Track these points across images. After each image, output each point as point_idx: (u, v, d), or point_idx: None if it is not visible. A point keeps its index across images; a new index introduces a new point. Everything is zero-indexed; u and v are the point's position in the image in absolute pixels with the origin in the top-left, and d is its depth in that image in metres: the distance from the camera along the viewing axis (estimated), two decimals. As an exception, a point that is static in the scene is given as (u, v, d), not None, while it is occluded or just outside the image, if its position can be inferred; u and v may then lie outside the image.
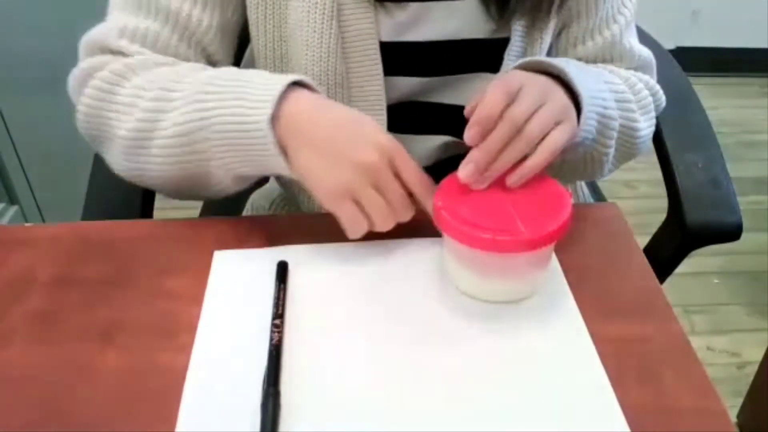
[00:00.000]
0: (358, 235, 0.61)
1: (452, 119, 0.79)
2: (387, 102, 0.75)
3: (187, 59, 0.70)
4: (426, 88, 0.76)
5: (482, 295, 0.61)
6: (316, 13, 0.69)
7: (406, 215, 0.61)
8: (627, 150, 0.76)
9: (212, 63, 0.72)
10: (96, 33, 0.69)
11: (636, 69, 0.79)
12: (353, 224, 0.60)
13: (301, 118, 0.60)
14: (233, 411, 0.52)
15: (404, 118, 0.77)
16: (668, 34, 2.30)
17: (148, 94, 0.64)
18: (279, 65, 0.74)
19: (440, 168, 0.80)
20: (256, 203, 0.93)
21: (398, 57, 0.73)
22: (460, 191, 0.61)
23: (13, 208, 1.51)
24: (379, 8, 0.70)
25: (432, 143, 0.80)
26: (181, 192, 0.70)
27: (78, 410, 0.52)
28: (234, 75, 0.63)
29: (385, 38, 0.72)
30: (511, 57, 0.74)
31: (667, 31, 2.36)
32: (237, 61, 0.79)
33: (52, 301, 0.62)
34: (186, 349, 0.57)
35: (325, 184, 0.60)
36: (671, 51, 1.01)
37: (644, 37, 0.95)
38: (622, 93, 0.73)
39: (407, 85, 0.75)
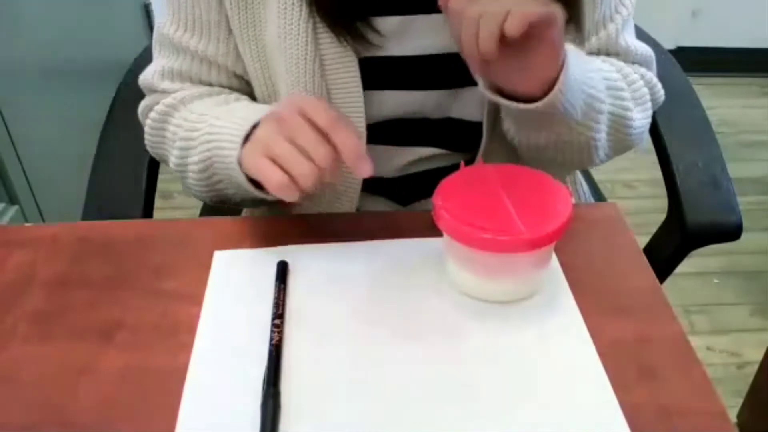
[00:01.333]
0: (285, 194, 0.59)
1: (439, 132, 0.78)
2: (375, 117, 0.75)
3: (221, 83, 0.77)
4: (412, 102, 0.75)
5: (482, 295, 0.61)
6: (291, 39, 0.69)
7: (321, 158, 0.58)
8: (621, 139, 0.75)
9: (246, 81, 0.78)
10: (146, 76, 0.79)
11: (633, 64, 0.79)
12: (271, 177, 0.59)
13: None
14: (233, 411, 0.52)
15: (390, 130, 0.77)
16: (668, 34, 2.30)
17: (180, 134, 0.74)
18: (269, 83, 0.75)
19: (427, 177, 0.80)
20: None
21: (381, 71, 0.73)
22: (460, 191, 0.61)
23: (13, 208, 1.51)
24: (359, 24, 0.69)
25: (418, 154, 0.80)
26: (229, 204, 0.78)
27: (78, 410, 0.52)
28: (222, 120, 0.69)
29: (367, 54, 0.71)
30: None
31: (667, 31, 2.36)
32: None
33: (52, 301, 0.62)
34: (186, 349, 0.57)
35: (247, 153, 0.63)
36: (671, 51, 1.01)
37: (644, 37, 0.95)
38: (614, 81, 0.72)
39: (392, 98, 0.75)
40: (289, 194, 0.58)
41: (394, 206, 0.84)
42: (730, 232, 0.84)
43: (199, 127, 0.71)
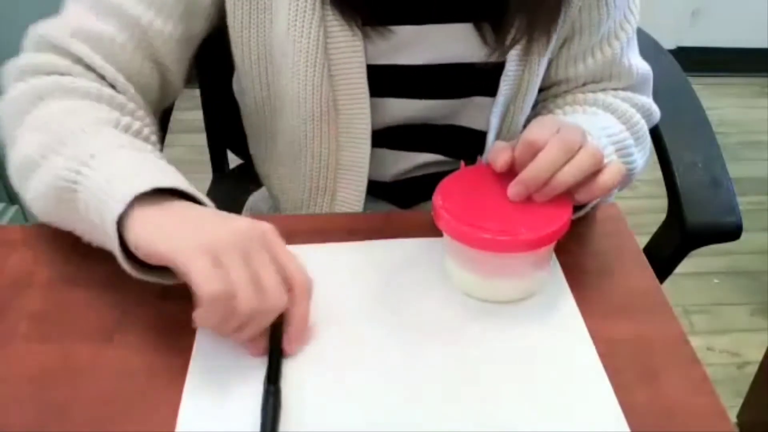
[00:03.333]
0: (211, 304, 0.48)
1: (443, 139, 0.79)
2: (379, 124, 0.75)
3: (137, 70, 0.67)
4: (418, 111, 0.76)
5: (482, 295, 0.61)
6: (302, 42, 0.68)
7: (275, 299, 0.51)
8: (624, 184, 0.76)
9: (165, 75, 0.70)
10: (48, 28, 0.65)
11: (633, 86, 0.79)
12: (207, 279, 0.48)
13: (153, 218, 0.53)
14: (233, 411, 0.52)
15: (394, 135, 0.77)
16: (668, 34, 2.31)
17: (51, 128, 0.60)
18: (265, 88, 0.74)
19: (428, 181, 0.80)
20: (254, 206, 0.94)
21: (389, 79, 0.73)
22: (461, 191, 0.61)
23: (13, 208, 1.51)
24: (370, 31, 0.69)
25: (421, 160, 0.80)
26: (51, 223, 0.64)
27: (78, 410, 0.52)
28: (103, 175, 0.55)
29: (376, 61, 0.71)
30: (506, 81, 0.73)
31: (667, 31, 2.37)
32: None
33: (52, 301, 0.62)
34: (186, 349, 0.57)
35: (180, 240, 0.51)
36: (671, 51, 1.01)
37: (644, 37, 0.95)
38: (623, 140, 0.73)
39: (398, 106, 0.75)
40: (213, 314, 0.49)
41: (395, 209, 0.84)
42: (730, 232, 0.84)
43: (79, 142, 0.58)
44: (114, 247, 0.54)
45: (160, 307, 0.61)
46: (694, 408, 0.53)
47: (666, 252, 0.87)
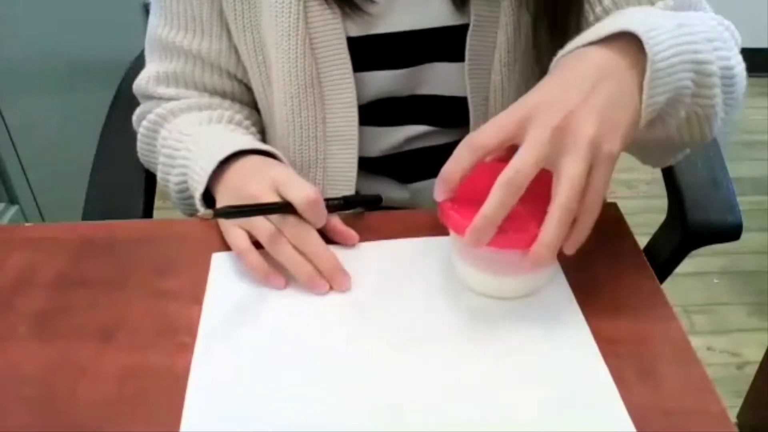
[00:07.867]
0: (247, 261, 0.62)
1: (426, 108, 0.79)
2: (364, 99, 0.75)
3: (215, 86, 0.79)
4: (399, 81, 0.76)
5: (489, 291, 0.61)
6: (282, 16, 0.70)
7: (298, 234, 0.62)
8: (729, 96, 0.66)
9: (239, 81, 0.79)
10: (140, 83, 0.80)
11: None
12: (237, 241, 0.63)
13: (233, 179, 0.67)
14: (236, 411, 0.52)
15: (379, 111, 0.77)
16: (668, 34, 2.30)
17: (164, 151, 0.75)
18: (262, 70, 0.76)
19: (425, 155, 0.80)
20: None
21: (368, 51, 0.73)
22: (467, 188, 0.61)
23: (13, 208, 1.51)
24: (347, 4, 0.70)
25: (407, 133, 0.79)
26: None
27: (78, 410, 0.52)
28: (198, 146, 0.72)
29: (355, 33, 0.72)
30: (476, 41, 0.72)
31: (668, 31, 2.36)
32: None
33: (51, 301, 0.62)
34: (186, 349, 0.57)
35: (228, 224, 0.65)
36: (671, 51, 1.01)
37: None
38: (708, 32, 0.62)
39: (380, 79, 0.75)
40: (252, 263, 0.62)
41: (396, 184, 0.84)
42: (730, 232, 0.84)
43: (179, 147, 0.73)
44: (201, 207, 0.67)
45: (160, 307, 0.61)
46: (694, 408, 0.53)
47: (666, 252, 0.87)
